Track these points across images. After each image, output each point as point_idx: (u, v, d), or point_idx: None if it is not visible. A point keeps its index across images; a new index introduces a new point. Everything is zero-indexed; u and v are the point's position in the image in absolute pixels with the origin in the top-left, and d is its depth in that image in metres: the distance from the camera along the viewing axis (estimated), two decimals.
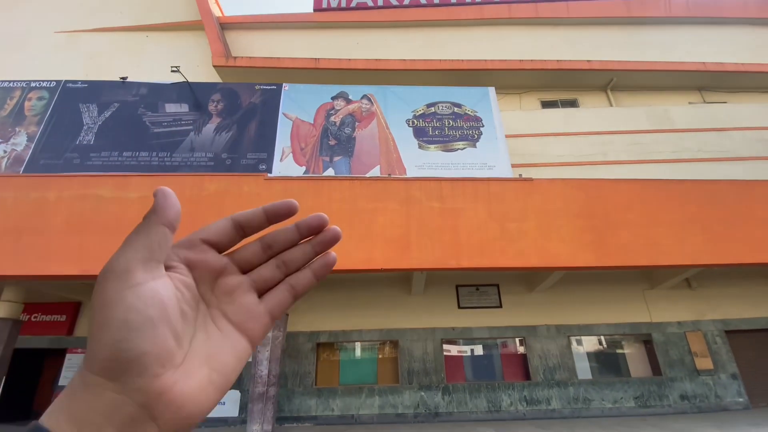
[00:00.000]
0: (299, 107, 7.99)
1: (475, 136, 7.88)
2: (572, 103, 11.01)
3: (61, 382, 7.82)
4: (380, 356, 8.24)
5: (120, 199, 6.42)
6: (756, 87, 11.00)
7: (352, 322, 8.26)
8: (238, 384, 7.65)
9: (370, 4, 12.09)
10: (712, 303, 8.50)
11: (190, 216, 6.39)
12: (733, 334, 8.36)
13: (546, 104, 11.00)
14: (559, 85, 11.05)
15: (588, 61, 10.59)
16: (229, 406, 7.43)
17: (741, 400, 7.70)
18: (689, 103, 10.70)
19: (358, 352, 8.31)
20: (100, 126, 7.75)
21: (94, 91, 8.14)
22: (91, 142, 7.54)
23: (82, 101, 8.01)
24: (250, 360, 7.57)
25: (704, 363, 7.99)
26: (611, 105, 10.71)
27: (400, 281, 8.54)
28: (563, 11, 11.52)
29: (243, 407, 7.36)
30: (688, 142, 8.93)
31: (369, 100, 8.22)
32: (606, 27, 11.46)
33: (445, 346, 8.19)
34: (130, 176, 6.67)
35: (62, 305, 8.42)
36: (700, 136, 9.00)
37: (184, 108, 7.88)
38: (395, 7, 12.04)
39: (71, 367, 7.93)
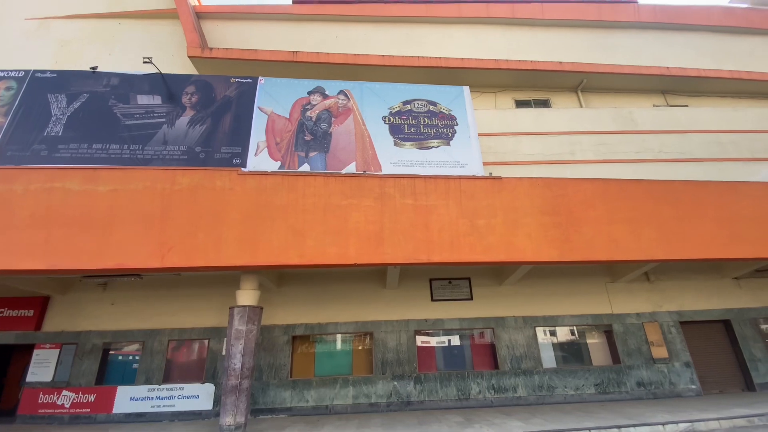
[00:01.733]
0: (275, 101, 8.00)
1: (450, 134, 8.08)
2: (545, 103, 11.37)
3: (29, 378, 7.68)
4: (355, 348, 8.42)
5: (89, 192, 6.33)
6: (715, 92, 11.61)
7: (328, 315, 8.41)
8: (212, 377, 7.71)
9: None
10: (668, 295, 9.04)
11: (162, 211, 6.37)
12: (687, 325, 8.93)
13: (520, 103, 11.31)
14: (533, 85, 11.38)
15: (560, 62, 10.94)
16: (203, 400, 7.48)
17: (693, 387, 8.24)
18: (654, 105, 11.22)
19: (333, 345, 8.47)
20: (69, 117, 7.56)
21: (64, 81, 7.93)
22: (60, 134, 7.36)
23: (50, 91, 7.79)
24: (224, 353, 7.63)
25: (660, 352, 8.51)
26: (581, 106, 11.11)
27: (375, 275, 8.73)
28: (538, 12, 11.82)
29: (217, 400, 7.43)
30: (650, 143, 9.39)
31: (346, 95, 8.30)
32: (578, 29, 11.83)
33: (418, 338, 8.44)
34: (99, 169, 6.57)
35: (30, 300, 8.24)
36: (661, 138, 9.47)
37: (156, 100, 7.77)
38: (375, 2, 12.07)
39: (39, 363, 7.80)
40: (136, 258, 6.08)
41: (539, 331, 8.65)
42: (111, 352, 8.21)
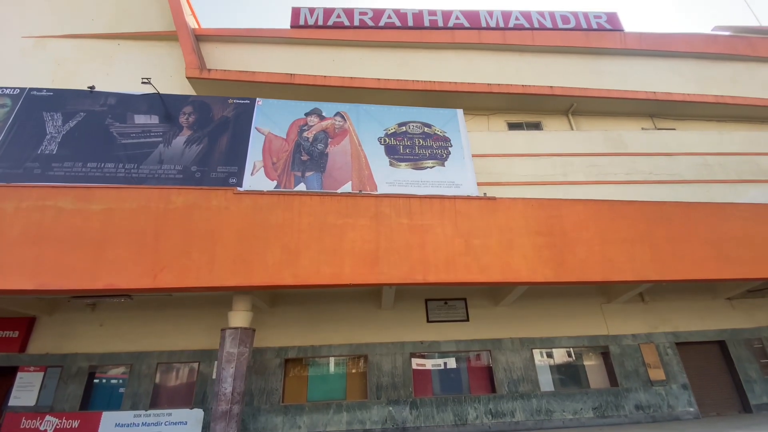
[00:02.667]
0: (272, 122, 8.08)
1: (444, 155, 8.19)
2: (537, 126, 11.61)
3: (11, 402, 7.37)
4: (349, 371, 8.24)
5: (82, 211, 6.27)
6: (700, 115, 11.97)
7: (322, 337, 8.25)
8: (202, 402, 7.46)
9: (347, 23, 12.43)
10: (664, 316, 9.04)
11: (156, 230, 6.31)
12: (683, 346, 8.90)
13: (512, 126, 11.55)
14: (525, 108, 11.65)
15: (551, 86, 11.25)
16: (192, 426, 7.21)
17: (691, 409, 8.14)
18: (642, 128, 11.50)
19: (326, 368, 8.28)
20: (64, 135, 7.56)
21: (60, 99, 7.96)
22: (54, 152, 7.34)
23: (46, 110, 7.81)
24: (214, 377, 7.42)
25: (657, 374, 8.44)
26: (572, 128, 11.37)
27: (369, 296, 8.64)
28: (529, 39, 12.23)
29: (206, 426, 7.17)
30: (640, 165, 9.56)
31: (342, 117, 8.42)
32: (567, 55, 12.22)
33: (413, 360, 8.29)
34: (92, 188, 6.53)
35: (15, 320, 8.01)
36: (651, 160, 9.66)
37: (153, 119, 7.81)
38: (371, 27, 12.42)
39: (23, 386, 7.51)
40: (127, 278, 5.97)
41: (536, 353, 8.55)
42: (97, 376, 7.94)
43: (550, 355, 8.64)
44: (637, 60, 12.34)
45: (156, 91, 7.90)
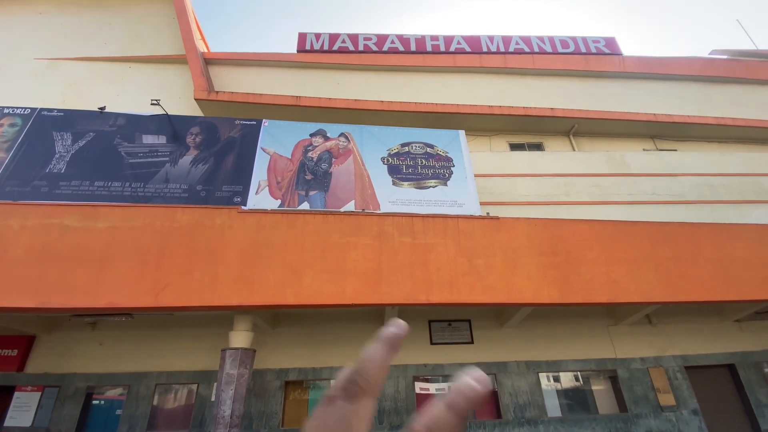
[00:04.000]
0: (277, 142, 8.21)
1: (446, 175, 8.26)
2: (538, 146, 11.73)
3: (7, 422, 7.22)
4: None
5: (86, 229, 6.31)
6: (701, 137, 12.07)
7: (323, 359, 8.11)
8: (200, 425, 7.29)
9: (351, 48, 12.78)
10: (672, 339, 8.86)
11: (160, 249, 6.33)
12: (692, 370, 8.67)
13: (514, 146, 11.66)
14: (526, 129, 11.79)
15: (551, 108, 11.42)
16: None
17: None
18: (644, 149, 11.59)
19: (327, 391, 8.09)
20: (73, 155, 7.69)
21: (70, 119, 8.14)
22: (62, 171, 7.45)
23: (56, 129, 7.98)
24: (213, 400, 7.27)
25: (667, 399, 8.20)
26: (573, 149, 11.47)
27: (372, 316, 8.54)
28: (529, 63, 12.50)
29: None
30: (643, 185, 9.59)
31: (346, 138, 8.54)
32: (568, 78, 12.46)
33: (416, 384, 8.11)
34: (98, 206, 6.59)
35: (14, 338, 7.93)
36: (653, 181, 9.69)
37: (161, 139, 7.95)
38: (375, 52, 12.76)
39: (19, 406, 7.37)
40: (129, 297, 5.95)
41: (542, 376, 8.35)
42: (95, 397, 7.79)
43: (557, 379, 8.43)
44: (637, 83, 12.55)
45: (164, 112, 8.08)
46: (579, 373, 8.53)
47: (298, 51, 12.56)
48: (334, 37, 12.82)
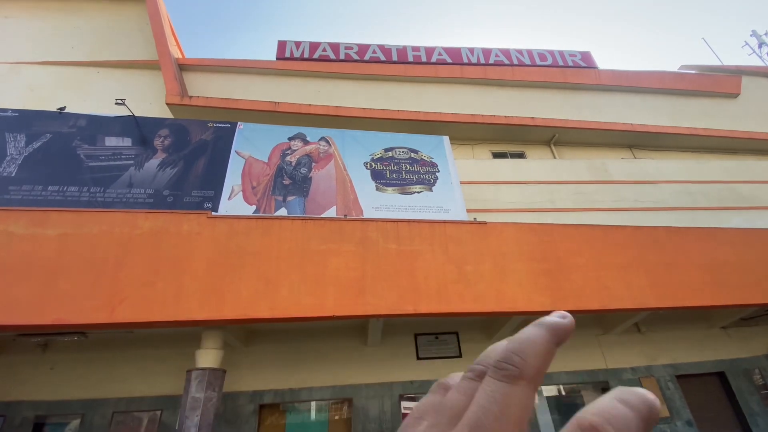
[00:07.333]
0: (253, 146, 7.76)
1: (432, 180, 7.98)
2: (520, 155, 11.69)
3: None
4: (332, 418, 7.44)
5: (34, 236, 5.63)
6: (676, 146, 12.35)
7: (301, 379, 7.49)
8: None
9: (332, 57, 12.59)
10: (661, 347, 8.68)
11: (117, 258, 5.71)
12: (683, 379, 8.48)
13: (497, 155, 11.59)
14: (508, 138, 11.78)
15: (532, 117, 11.46)
16: None
17: None
18: (622, 158, 11.72)
19: (307, 414, 7.45)
20: (25, 157, 7.01)
21: (25, 120, 7.48)
22: (12, 174, 6.76)
23: (8, 130, 7.30)
24: (176, 429, 6.51)
25: (661, 411, 7.92)
26: (555, 157, 11.48)
27: (354, 331, 8.00)
28: (509, 74, 12.61)
29: None
30: (625, 192, 9.59)
31: (327, 141, 8.19)
32: (547, 90, 12.61)
33: (402, 404, 7.56)
34: (49, 211, 5.92)
35: None
36: (635, 188, 9.72)
37: (126, 142, 7.38)
38: (356, 61, 12.61)
39: None
40: (80, 312, 5.27)
41: None
42: (45, 427, 6.89)
43: (548, 393, 8.06)
44: (614, 95, 12.82)
45: (130, 113, 7.54)
46: (571, 385, 8.19)
47: (278, 59, 12.27)
48: (314, 46, 12.63)
